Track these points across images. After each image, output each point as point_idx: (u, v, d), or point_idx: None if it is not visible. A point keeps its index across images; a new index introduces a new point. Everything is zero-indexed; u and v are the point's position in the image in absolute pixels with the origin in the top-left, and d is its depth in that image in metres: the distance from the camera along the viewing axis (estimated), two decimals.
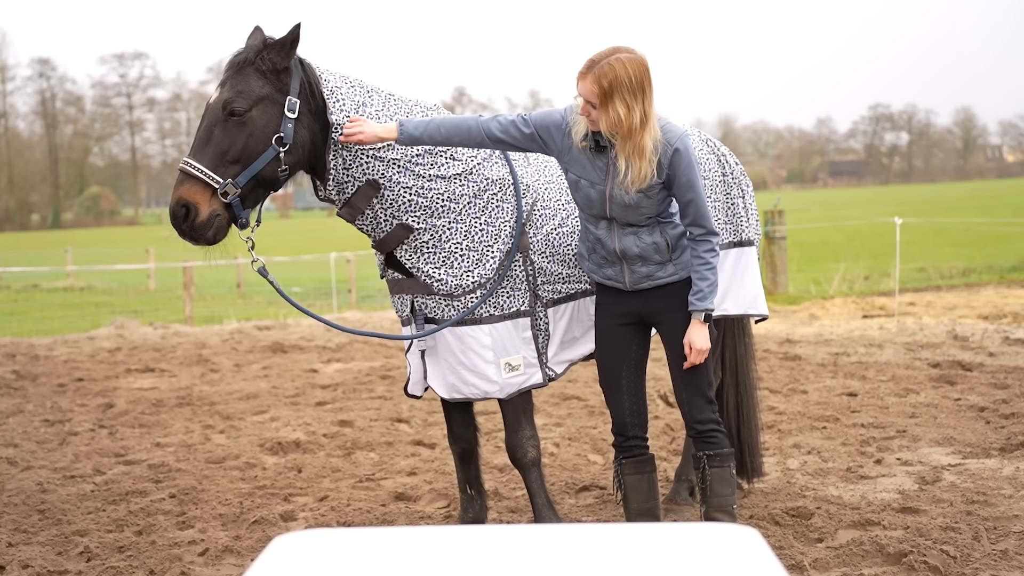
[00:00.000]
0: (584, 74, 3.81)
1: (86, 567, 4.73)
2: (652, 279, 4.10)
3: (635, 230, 4.04)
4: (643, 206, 3.96)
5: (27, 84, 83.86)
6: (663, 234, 4.04)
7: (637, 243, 4.04)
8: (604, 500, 5.59)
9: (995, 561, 4.35)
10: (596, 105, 3.79)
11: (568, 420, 7.53)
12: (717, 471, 4.18)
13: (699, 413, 4.17)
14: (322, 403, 8.48)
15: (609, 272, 4.17)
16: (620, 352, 4.24)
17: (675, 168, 3.89)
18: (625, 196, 3.94)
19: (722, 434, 4.21)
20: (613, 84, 3.74)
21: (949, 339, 10.49)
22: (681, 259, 4.08)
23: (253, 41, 4.19)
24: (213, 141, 4.06)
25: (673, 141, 3.88)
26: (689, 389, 4.17)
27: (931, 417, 7.10)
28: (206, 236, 4.07)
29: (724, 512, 4.18)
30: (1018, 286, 15.80)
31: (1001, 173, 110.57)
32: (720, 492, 4.18)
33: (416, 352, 4.62)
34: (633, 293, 4.16)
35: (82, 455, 6.89)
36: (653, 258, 4.06)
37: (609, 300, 4.25)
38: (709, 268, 3.99)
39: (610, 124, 3.81)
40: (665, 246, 4.04)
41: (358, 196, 4.30)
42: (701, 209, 3.95)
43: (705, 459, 4.18)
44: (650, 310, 4.16)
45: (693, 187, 3.91)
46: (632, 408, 4.26)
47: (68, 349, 12.06)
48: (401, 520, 5.36)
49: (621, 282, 4.15)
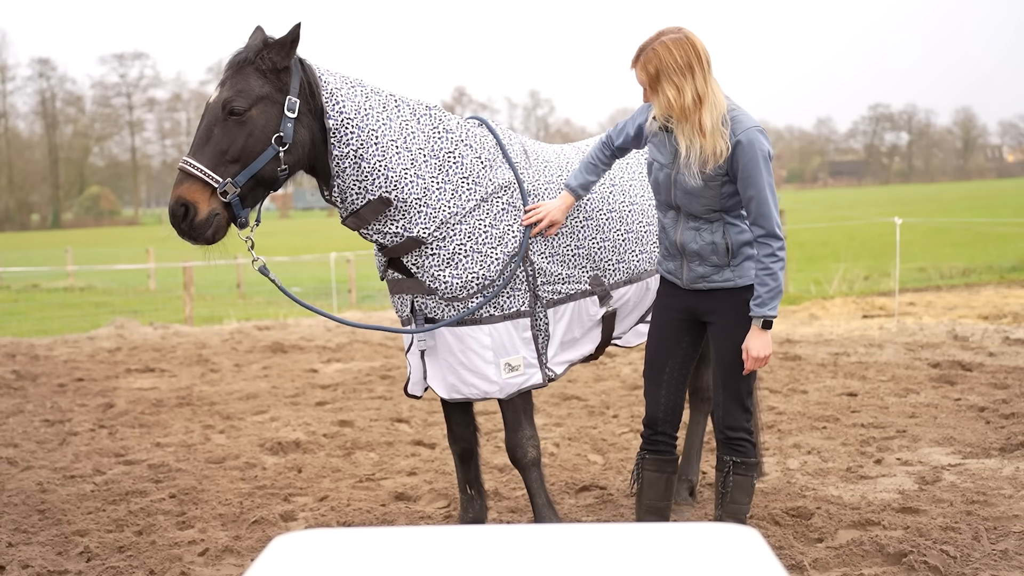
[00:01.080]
0: (633, 63, 3.90)
1: (86, 567, 4.73)
2: (708, 280, 4.05)
3: (697, 225, 4.01)
4: (704, 196, 3.91)
5: (27, 84, 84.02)
6: (725, 236, 3.97)
7: (696, 239, 4.01)
8: (604, 500, 5.59)
9: (995, 561, 4.35)
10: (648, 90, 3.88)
11: (568, 420, 7.53)
12: (740, 479, 4.16)
13: (732, 420, 4.13)
14: (322, 403, 8.48)
15: (670, 265, 4.18)
16: (669, 347, 4.22)
17: (736, 160, 3.83)
18: (689, 181, 3.91)
19: (751, 444, 4.18)
20: (659, 68, 3.80)
21: (949, 339, 10.49)
22: (741, 267, 4.01)
23: (253, 41, 4.18)
24: (213, 140, 4.05)
25: (737, 132, 3.83)
26: (727, 394, 4.12)
27: (931, 417, 7.10)
28: (205, 235, 4.06)
29: (737, 520, 4.17)
30: (1018, 286, 15.80)
31: (1001, 173, 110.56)
32: (738, 500, 4.17)
33: (416, 352, 4.62)
34: (689, 291, 4.14)
35: (82, 455, 6.89)
36: (711, 259, 4.01)
37: (667, 293, 4.25)
38: (769, 273, 3.89)
39: (663, 107, 3.85)
40: (724, 249, 3.98)
41: (367, 209, 4.29)
42: (763, 208, 3.84)
43: (731, 465, 4.16)
44: (703, 309, 4.13)
45: (755, 183, 3.82)
46: (668, 405, 4.24)
47: (68, 349, 12.06)
48: (401, 520, 5.36)
49: (679, 278, 4.14)
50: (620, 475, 6.03)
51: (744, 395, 4.12)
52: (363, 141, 4.22)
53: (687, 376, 4.25)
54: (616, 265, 4.78)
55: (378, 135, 4.24)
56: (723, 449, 4.19)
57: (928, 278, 18.34)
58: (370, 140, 4.23)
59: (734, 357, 4.05)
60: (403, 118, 4.35)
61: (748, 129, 3.83)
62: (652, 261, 4.92)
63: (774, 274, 3.88)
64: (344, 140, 4.20)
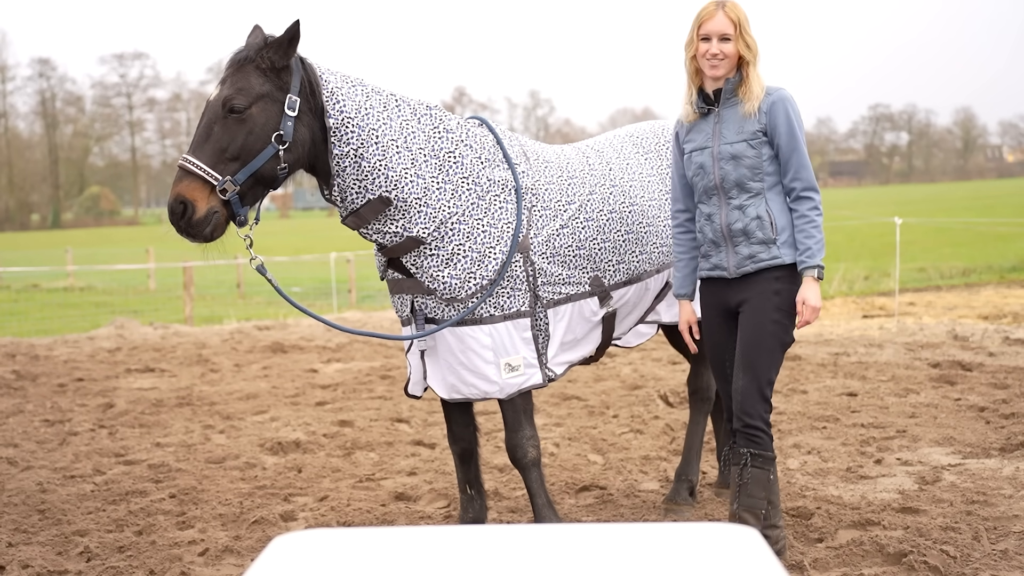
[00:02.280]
0: (713, 12, 4.16)
1: (86, 567, 4.73)
2: (755, 260, 4.16)
3: (740, 203, 4.17)
4: (747, 155, 4.14)
5: (27, 84, 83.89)
6: (768, 210, 4.14)
7: (742, 217, 4.16)
8: (604, 500, 5.59)
9: (995, 561, 4.35)
10: (731, 37, 4.14)
11: (568, 420, 7.53)
12: (756, 472, 4.19)
13: (750, 406, 4.17)
14: (322, 403, 8.48)
15: (715, 259, 4.28)
16: (724, 344, 4.35)
17: (774, 117, 4.14)
18: (730, 147, 4.16)
19: (768, 437, 4.21)
20: (740, 16, 4.16)
21: (949, 339, 10.49)
22: (787, 244, 4.15)
23: (254, 39, 4.18)
24: (213, 138, 4.05)
25: (772, 92, 4.19)
26: (747, 379, 4.18)
27: (931, 417, 7.10)
28: (203, 233, 4.05)
29: (752, 514, 4.19)
30: (1018, 286, 15.81)
31: (1001, 173, 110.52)
32: (754, 494, 4.19)
33: (416, 352, 4.61)
34: (730, 283, 4.24)
35: (82, 455, 6.89)
36: (756, 234, 4.15)
37: (710, 293, 4.36)
38: (814, 226, 4.10)
39: (748, 47, 4.15)
40: (769, 223, 4.13)
41: (367, 208, 4.29)
42: (803, 160, 4.13)
43: (748, 457, 4.19)
44: (742, 297, 4.23)
45: (794, 137, 4.13)
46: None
47: (68, 349, 12.06)
48: (401, 520, 5.36)
49: (726, 268, 4.24)
50: (620, 475, 6.03)
51: (764, 383, 4.17)
52: (363, 140, 4.22)
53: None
54: (616, 266, 4.78)
55: (378, 134, 4.24)
56: (740, 440, 4.21)
57: (928, 278, 18.34)
58: (370, 139, 4.23)
59: (758, 344, 4.15)
60: (403, 118, 4.35)
61: (780, 90, 4.22)
62: (652, 262, 4.92)
63: (819, 226, 4.12)
64: (344, 139, 4.20)
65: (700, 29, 4.18)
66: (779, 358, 4.22)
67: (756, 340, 4.15)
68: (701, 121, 4.31)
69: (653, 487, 5.82)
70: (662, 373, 9.24)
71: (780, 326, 4.18)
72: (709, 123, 4.28)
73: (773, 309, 4.15)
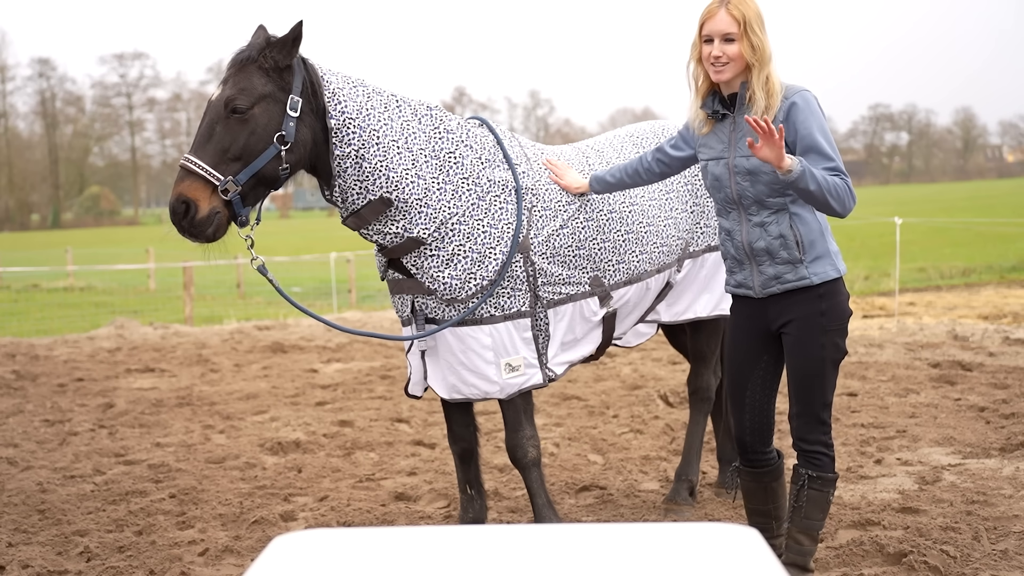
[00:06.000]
0: (715, 11, 3.80)
1: (86, 567, 4.73)
2: (782, 282, 3.86)
3: (761, 220, 3.84)
4: (764, 171, 3.76)
5: (27, 84, 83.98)
6: (792, 227, 3.82)
7: (763, 235, 3.85)
8: (604, 500, 5.59)
9: (995, 561, 4.35)
10: (735, 37, 3.77)
11: (568, 420, 7.53)
12: (816, 494, 3.97)
13: (807, 433, 3.96)
14: (322, 403, 8.48)
15: (739, 276, 3.99)
16: (747, 369, 4.05)
17: (795, 120, 3.74)
18: (746, 160, 3.80)
19: (829, 459, 3.97)
20: (746, 14, 3.77)
21: (949, 339, 10.49)
22: (816, 263, 3.84)
23: (256, 39, 4.18)
24: (215, 138, 4.05)
25: (790, 95, 3.78)
26: (801, 405, 3.94)
27: (931, 417, 7.10)
28: (205, 233, 4.05)
29: (808, 536, 4.01)
30: (1018, 286, 15.81)
31: (1001, 173, 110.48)
32: (812, 516, 3.99)
33: (416, 352, 4.62)
34: (763, 302, 3.95)
35: (82, 455, 6.89)
36: (780, 254, 3.84)
37: (739, 312, 4.07)
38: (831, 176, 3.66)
39: (753, 49, 3.75)
40: (794, 242, 3.81)
41: (368, 209, 4.29)
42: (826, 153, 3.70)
43: (807, 479, 3.97)
44: (777, 318, 3.92)
45: (823, 131, 3.72)
46: (753, 427, 4.08)
47: (68, 349, 12.06)
48: (401, 520, 5.36)
49: (751, 288, 3.95)
50: (620, 475, 6.03)
51: (819, 407, 3.91)
52: (365, 141, 4.22)
53: (772, 395, 4.05)
54: (616, 266, 4.78)
55: (380, 135, 4.24)
56: (799, 461, 4.01)
57: (928, 278, 18.34)
58: (372, 140, 4.23)
59: (809, 371, 3.88)
60: (404, 118, 4.35)
61: (800, 91, 3.81)
62: (652, 262, 4.92)
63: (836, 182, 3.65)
64: (346, 140, 4.20)
65: (703, 29, 3.82)
66: (834, 379, 3.94)
67: (809, 369, 3.88)
68: (717, 125, 3.96)
69: (653, 487, 5.82)
70: (662, 373, 9.24)
71: (833, 347, 3.88)
72: (725, 129, 3.92)
73: (821, 332, 3.85)
